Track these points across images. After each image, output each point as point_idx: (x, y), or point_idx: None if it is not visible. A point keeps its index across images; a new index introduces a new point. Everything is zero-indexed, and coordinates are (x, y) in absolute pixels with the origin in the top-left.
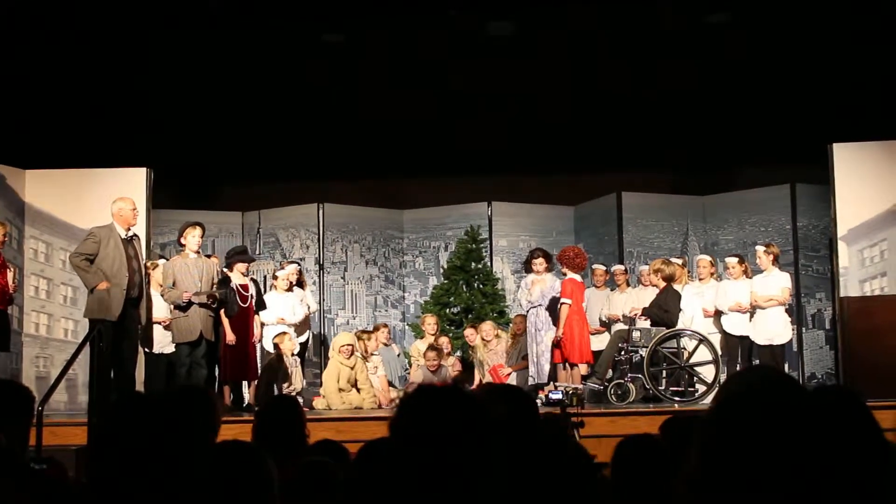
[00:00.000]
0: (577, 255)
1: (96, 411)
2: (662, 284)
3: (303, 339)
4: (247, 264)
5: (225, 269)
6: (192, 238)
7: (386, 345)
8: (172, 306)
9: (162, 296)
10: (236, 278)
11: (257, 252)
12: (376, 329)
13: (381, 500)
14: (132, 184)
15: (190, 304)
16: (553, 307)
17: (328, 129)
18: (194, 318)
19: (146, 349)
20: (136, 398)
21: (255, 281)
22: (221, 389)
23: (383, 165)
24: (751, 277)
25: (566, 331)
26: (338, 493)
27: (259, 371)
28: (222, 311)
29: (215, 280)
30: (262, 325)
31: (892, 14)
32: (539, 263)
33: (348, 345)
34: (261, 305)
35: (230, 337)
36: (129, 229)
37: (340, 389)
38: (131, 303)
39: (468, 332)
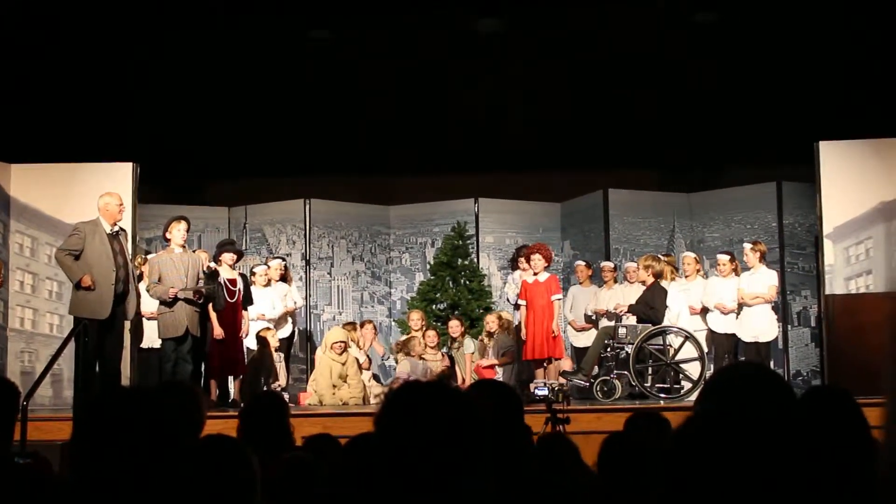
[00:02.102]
0: (549, 251)
1: (79, 406)
2: (651, 280)
3: (287, 334)
4: (234, 257)
5: (212, 264)
6: (178, 232)
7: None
8: (158, 302)
9: (147, 291)
10: (224, 272)
11: (244, 247)
12: (362, 325)
13: (364, 496)
14: (118, 178)
15: (176, 299)
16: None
17: (315, 124)
18: (180, 313)
19: (137, 345)
20: (119, 392)
21: (243, 275)
22: (208, 385)
23: (370, 161)
24: (739, 275)
25: (555, 327)
26: (320, 488)
27: (246, 366)
28: (210, 306)
29: (201, 275)
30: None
31: (879, 12)
32: (524, 261)
33: (341, 342)
34: (248, 300)
35: (217, 331)
36: (115, 224)
37: (333, 385)
38: (116, 298)
39: (452, 323)
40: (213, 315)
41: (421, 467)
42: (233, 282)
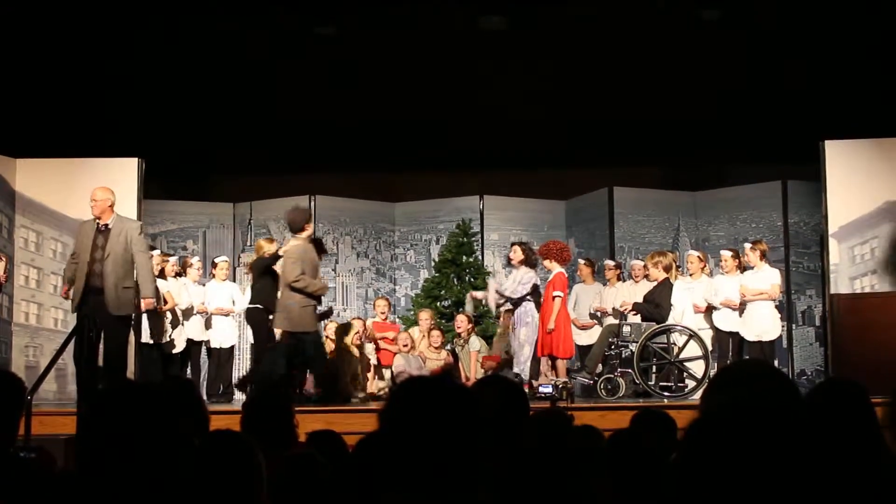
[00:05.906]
0: (562, 248)
1: (82, 400)
2: (662, 276)
3: None
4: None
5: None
6: (309, 227)
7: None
8: (299, 294)
9: (295, 284)
10: None
11: (249, 244)
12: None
13: (372, 492)
14: (123, 174)
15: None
16: (519, 302)
17: (320, 120)
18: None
19: (153, 340)
20: (123, 387)
21: None
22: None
23: (375, 158)
24: (743, 272)
25: (556, 324)
26: (324, 485)
27: None
28: None
29: None
30: None
31: (884, 11)
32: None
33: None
34: None
35: None
36: (97, 219)
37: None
38: (94, 291)
39: (460, 318)
40: None
41: (424, 460)
42: None
